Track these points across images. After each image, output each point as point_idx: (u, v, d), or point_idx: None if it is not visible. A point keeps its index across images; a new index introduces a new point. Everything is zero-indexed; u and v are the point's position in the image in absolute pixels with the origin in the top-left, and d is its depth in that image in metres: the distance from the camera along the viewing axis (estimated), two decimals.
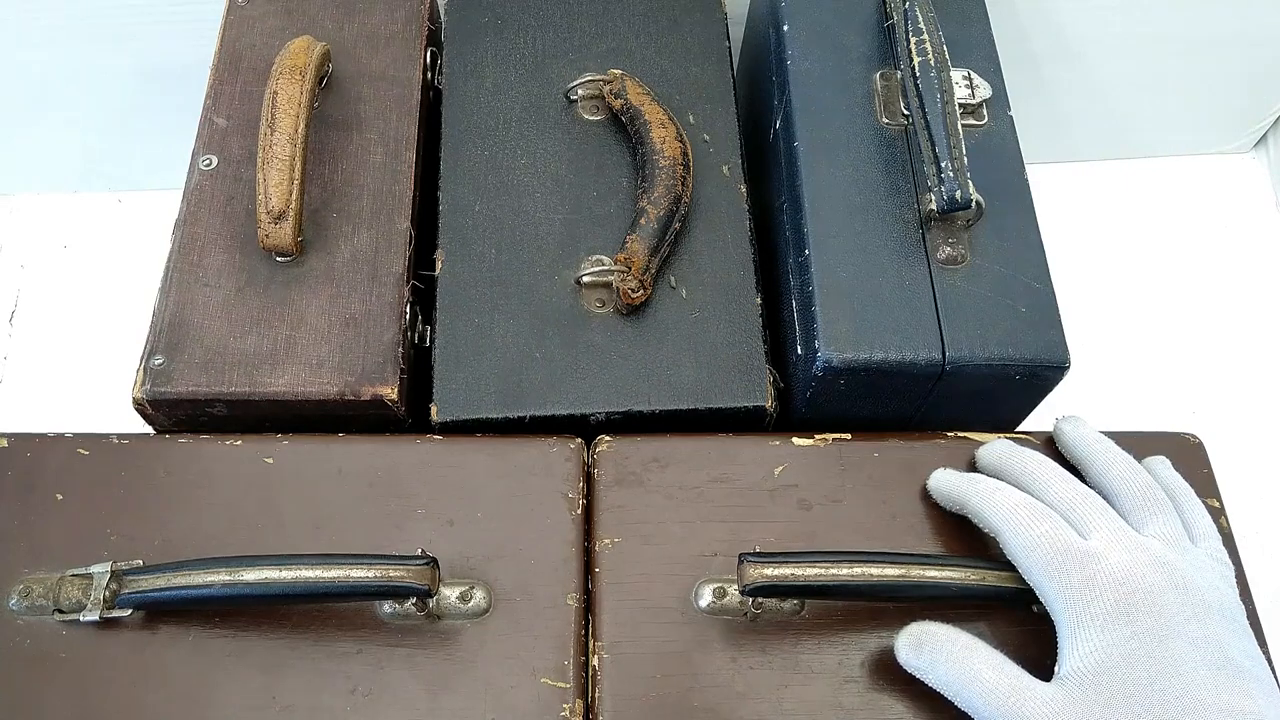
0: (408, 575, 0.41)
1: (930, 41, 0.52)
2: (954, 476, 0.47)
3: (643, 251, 0.52)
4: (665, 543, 0.46)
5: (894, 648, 0.43)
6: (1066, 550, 0.42)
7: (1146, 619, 0.40)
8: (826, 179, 0.52)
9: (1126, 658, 0.39)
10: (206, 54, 0.59)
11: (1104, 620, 0.40)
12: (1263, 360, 0.78)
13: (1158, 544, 0.42)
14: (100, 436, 0.48)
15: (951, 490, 0.47)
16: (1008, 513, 0.44)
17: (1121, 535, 0.42)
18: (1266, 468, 0.72)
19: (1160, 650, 0.39)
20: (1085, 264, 0.80)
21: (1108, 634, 0.40)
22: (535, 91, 0.59)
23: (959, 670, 0.41)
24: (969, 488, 0.46)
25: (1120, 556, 0.41)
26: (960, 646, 0.42)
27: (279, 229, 0.50)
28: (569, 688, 0.43)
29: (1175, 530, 0.44)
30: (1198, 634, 0.39)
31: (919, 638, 0.42)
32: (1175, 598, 0.40)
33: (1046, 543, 0.42)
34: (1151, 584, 0.40)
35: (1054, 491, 0.44)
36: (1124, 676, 0.39)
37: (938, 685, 0.42)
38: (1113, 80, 0.79)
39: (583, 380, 0.51)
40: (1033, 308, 0.49)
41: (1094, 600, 0.40)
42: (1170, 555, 0.42)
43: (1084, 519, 0.43)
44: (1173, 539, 0.43)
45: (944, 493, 0.47)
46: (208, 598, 0.41)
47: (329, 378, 0.50)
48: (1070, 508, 0.44)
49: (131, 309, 0.64)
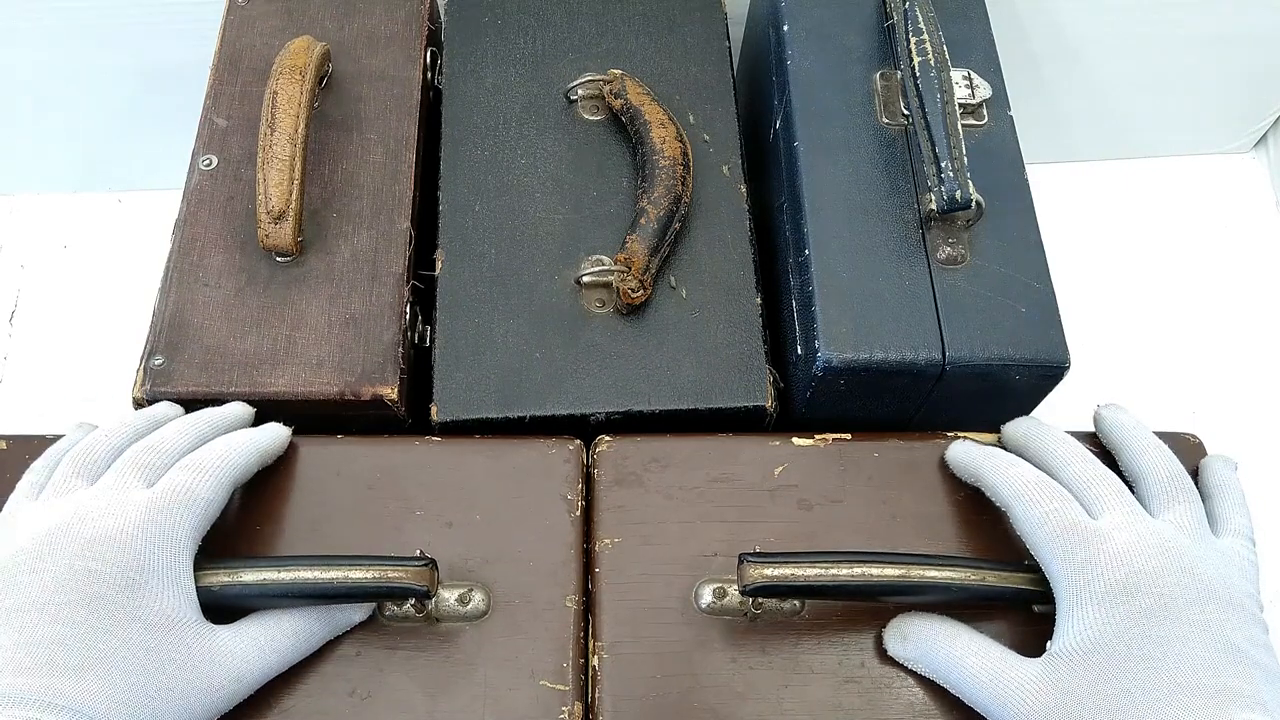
0: (406, 576, 0.41)
1: (930, 41, 0.52)
2: (973, 448, 0.47)
3: (643, 251, 0.52)
4: (665, 543, 0.46)
5: (884, 642, 0.44)
6: (1072, 527, 0.42)
7: (1146, 599, 0.40)
8: (826, 179, 0.52)
9: (1121, 635, 0.39)
10: (206, 54, 0.59)
11: (1102, 597, 0.40)
12: (1263, 360, 0.78)
13: (1170, 529, 0.42)
14: None
15: (969, 461, 0.47)
16: (1020, 487, 0.44)
17: (1133, 518, 0.42)
18: (1267, 468, 0.72)
19: (1157, 629, 0.39)
20: (1085, 264, 0.80)
21: (1105, 611, 0.40)
22: (535, 91, 0.59)
23: (944, 657, 0.42)
24: (985, 460, 0.46)
25: (1126, 537, 0.41)
26: (943, 635, 0.43)
27: (279, 229, 0.50)
28: (568, 690, 0.43)
29: (1195, 519, 0.43)
30: (1198, 617, 0.39)
31: (904, 630, 0.44)
32: (1178, 580, 0.40)
33: (1053, 519, 0.42)
34: (1155, 566, 0.40)
35: (1072, 470, 0.45)
36: (1117, 653, 0.39)
37: (928, 673, 0.43)
38: (1113, 80, 0.79)
39: (583, 380, 0.51)
40: (1033, 308, 0.49)
41: (1094, 578, 0.41)
42: (1181, 540, 0.42)
43: (1097, 499, 0.43)
44: (1189, 526, 0.43)
45: (961, 463, 0.47)
46: (206, 599, 0.41)
47: (329, 378, 0.50)
48: (1085, 487, 0.44)
49: (131, 309, 0.64)
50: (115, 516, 0.40)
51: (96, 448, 0.44)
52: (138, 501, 0.41)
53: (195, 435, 0.45)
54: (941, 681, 0.43)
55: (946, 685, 0.43)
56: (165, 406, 0.48)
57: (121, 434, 0.45)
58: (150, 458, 0.43)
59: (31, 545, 0.39)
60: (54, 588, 0.38)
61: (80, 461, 0.43)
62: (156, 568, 0.40)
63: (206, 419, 0.46)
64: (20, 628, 0.37)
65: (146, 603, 0.39)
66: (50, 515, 0.40)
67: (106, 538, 0.39)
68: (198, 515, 0.42)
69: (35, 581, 0.38)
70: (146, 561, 0.39)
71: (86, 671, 0.37)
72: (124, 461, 0.43)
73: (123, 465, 0.43)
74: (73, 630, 0.37)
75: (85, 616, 0.38)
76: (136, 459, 0.43)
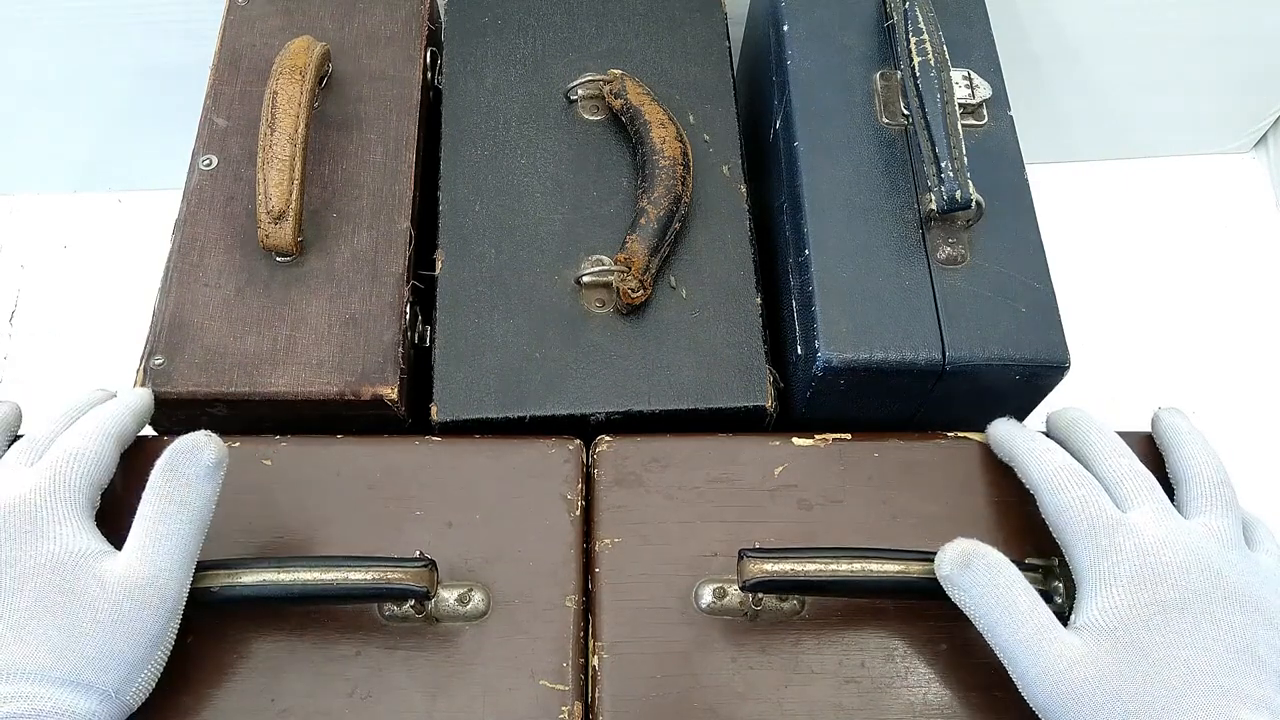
0: (406, 577, 0.41)
1: (930, 41, 0.52)
2: (1015, 428, 0.47)
3: (643, 251, 0.52)
4: (665, 543, 0.46)
5: (936, 561, 0.42)
6: (1098, 516, 0.42)
7: (1170, 591, 0.40)
8: (826, 179, 0.52)
9: (1145, 621, 0.39)
10: (206, 54, 0.59)
11: (1128, 583, 0.40)
12: (1263, 360, 0.78)
13: (1201, 531, 0.42)
14: None
15: (1006, 441, 0.47)
16: (1050, 472, 0.44)
17: (1163, 515, 0.42)
18: (1267, 467, 0.72)
19: (1179, 622, 0.39)
20: (1085, 264, 0.80)
21: (1131, 595, 0.40)
22: (535, 91, 0.59)
23: (997, 596, 0.40)
24: (1022, 443, 0.46)
25: (1154, 531, 0.41)
26: (1005, 575, 0.41)
27: (279, 229, 0.50)
28: (568, 690, 0.43)
29: (1231, 529, 0.43)
30: (1221, 617, 0.39)
31: (968, 554, 0.41)
32: (1201, 579, 0.40)
33: (1080, 505, 0.42)
34: (1180, 561, 0.40)
35: (1108, 463, 0.45)
36: (1140, 638, 0.39)
37: (970, 605, 0.41)
38: (1113, 80, 0.79)
39: (583, 380, 0.51)
40: (1033, 308, 0.49)
41: (1119, 564, 0.40)
42: (1211, 544, 0.42)
43: (1130, 494, 0.43)
44: (1223, 534, 0.43)
45: (999, 441, 0.48)
46: (205, 600, 0.41)
47: (329, 378, 0.50)
48: (1119, 481, 0.44)
49: (131, 309, 0.64)
50: (10, 488, 0.41)
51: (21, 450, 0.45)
52: (29, 472, 0.42)
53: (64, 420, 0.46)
54: (975, 616, 0.41)
55: (978, 622, 0.41)
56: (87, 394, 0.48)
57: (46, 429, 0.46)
58: (28, 445, 0.44)
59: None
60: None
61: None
62: (55, 513, 0.41)
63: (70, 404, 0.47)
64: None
65: (48, 546, 0.40)
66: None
67: (6, 506, 0.41)
68: (88, 466, 0.43)
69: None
70: (43, 510, 0.41)
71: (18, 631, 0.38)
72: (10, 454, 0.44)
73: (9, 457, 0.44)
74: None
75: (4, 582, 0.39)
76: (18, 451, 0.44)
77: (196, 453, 0.42)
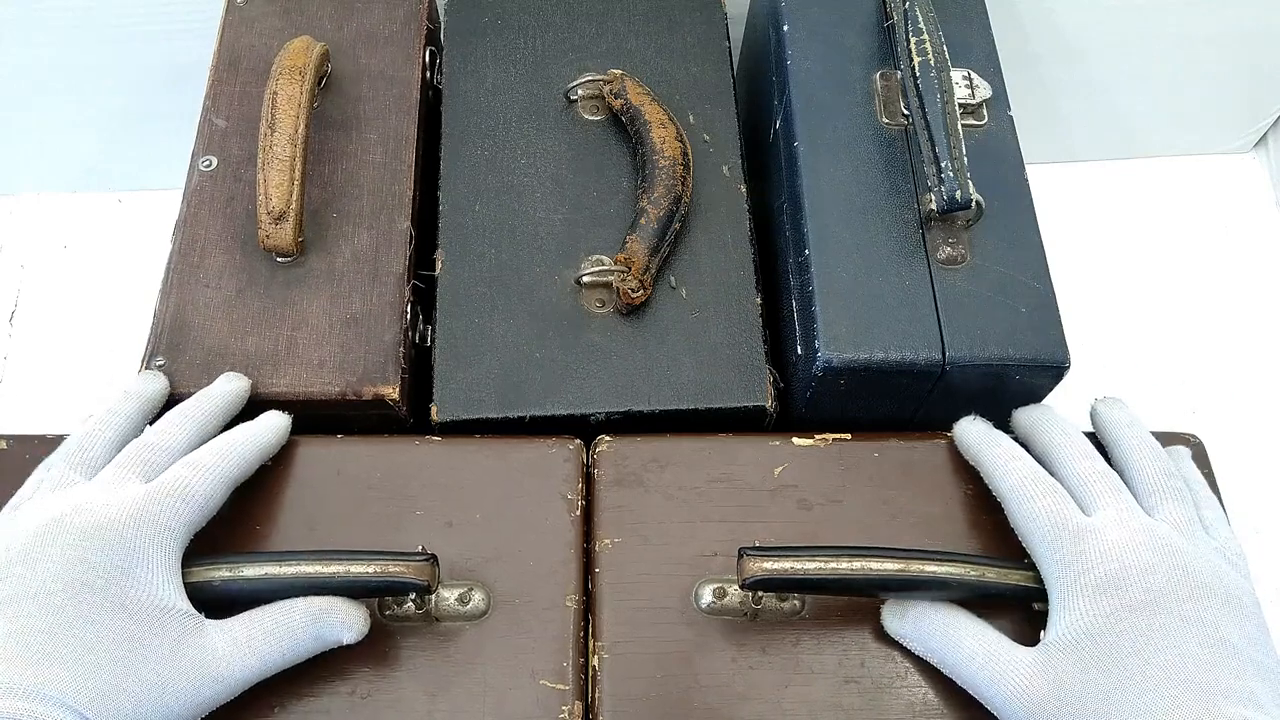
0: (407, 571, 0.41)
1: (930, 41, 0.52)
2: (980, 432, 0.47)
3: (643, 251, 0.52)
4: (665, 543, 0.46)
5: (881, 618, 0.44)
6: (1064, 524, 0.42)
7: (1136, 592, 0.40)
8: (826, 179, 0.52)
9: (1112, 627, 0.39)
10: (206, 54, 0.59)
11: (1094, 590, 0.40)
12: (1263, 360, 0.78)
13: (1165, 527, 0.42)
14: None
15: (973, 445, 0.47)
16: (1016, 481, 0.44)
17: (1128, 515, 0.42)
18: (1266, 468, 0.72)
19: (1148, 622, 0.39)
20: (1085, 264, 0.80)
21: (1096, 603, 0.40)
22: (535, 91, 0.59)
23: (941, 637, 0.42)
24: (989, 449, 0.46)
25: (1118, 533, 0.42)
26: (942, 614, 0.43)
27: (279, 229, 0.50)
28: (568, 689, 0.43)
29: (1189, 517, 0.44)
30: (1190, 612, 0.39)
31: (904, 606, 0.44)
32: (1169, 576, 0.40)
33: (1047, 515, 0.43)
34: (1146, 561, 0.40)
35: (1072, 466, 0.45)
36: (1107, 644, 0.39)
37: (923, 652, 0.43)
38: (1113, 80, 0.79)
39: (583, 380, 0.51)
40: (1033, 308, 0.49)
41: (1085, 571, 0.41)
42: (1175, 538, 0.42)
43: (1094, 496, 0.43)
44: (1184, 524, 0.43)
45: (966, 444, 0.48)
46: (206, 594, 0.41)
47: (330, 378, 0.50)
48: (1083, 484, 0.44)
49: (132, 309, 0.64)
50: (111, 507, 0.40)
51: (91, 441, 0.44)
52: (135, 494, 0.41)
53: (195, 429, 0.45)
54: (936, 662, 0.43)
55: (940, 666, 0.43)
56: (145, 380, 0.48)
57: (113, 424, 0.45)
58: (149, 455, 0.43)
59: (29, 537, 0.40)
60: (47, 577, 0.38)
61: (75, 457, 0.43)
62: (148, 557, 0.40)
63: (203, 409, 0.46)
64: (13, 617, 0.37)
65: (135, 592, 0.39)
66: (48, 509, 0.41)
67: (101, 527, 0.40)
68: (193, 510, 0.42)
69: (30, 572, 0.38)
70: (138, 550, 0.40)
71: (72, 661, 0.37)
72: (124, 456, 0.43)
73: (123, 460, 0.43)
74: (60, 619, 0.37)
75: (74, 606, 0.38)
76: (137, 455, 0.43)
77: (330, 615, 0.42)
